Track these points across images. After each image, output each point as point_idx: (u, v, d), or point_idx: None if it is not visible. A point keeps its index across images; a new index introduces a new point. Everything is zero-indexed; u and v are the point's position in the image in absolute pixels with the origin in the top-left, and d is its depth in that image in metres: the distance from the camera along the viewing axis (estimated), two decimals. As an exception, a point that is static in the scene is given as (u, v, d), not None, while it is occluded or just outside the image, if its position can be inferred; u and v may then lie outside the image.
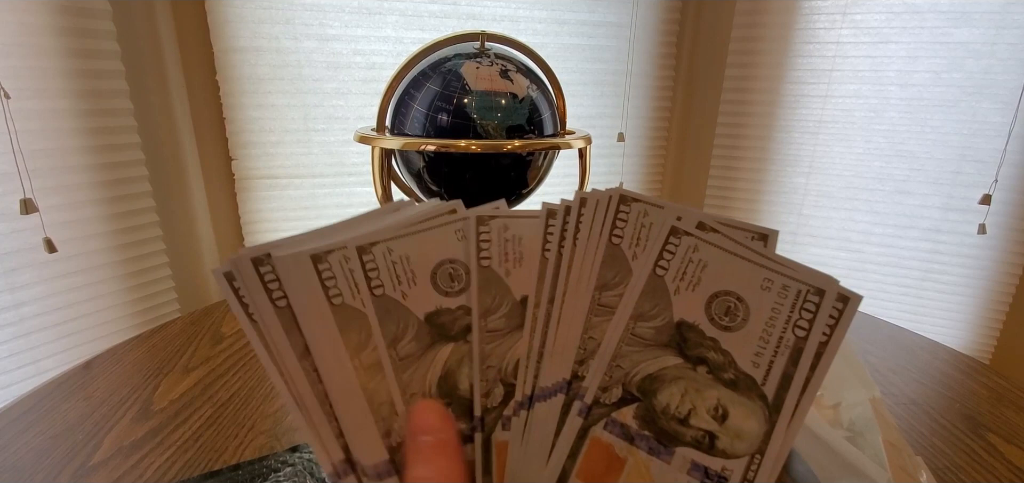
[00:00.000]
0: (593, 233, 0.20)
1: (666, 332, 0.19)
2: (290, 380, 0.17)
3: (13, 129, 0.76)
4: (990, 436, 0.45)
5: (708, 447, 0.18)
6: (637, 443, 0.19)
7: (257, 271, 0.17)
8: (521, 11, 1.13)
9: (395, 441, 0.18)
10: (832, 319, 0.18)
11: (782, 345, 0.18)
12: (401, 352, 0.19)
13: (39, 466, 0.39)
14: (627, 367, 0.19)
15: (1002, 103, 1.10)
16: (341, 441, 0.18)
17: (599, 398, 0.19)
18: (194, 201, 1.07)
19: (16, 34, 0.77)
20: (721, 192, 1.36)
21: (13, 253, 0.82)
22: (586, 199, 0.20)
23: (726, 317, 0.19)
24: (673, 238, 0.19)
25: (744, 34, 1.23)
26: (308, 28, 1.02)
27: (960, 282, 1.22)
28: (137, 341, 0.58)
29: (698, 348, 0.19)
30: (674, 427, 0.18)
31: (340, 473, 0.18)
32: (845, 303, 0.18)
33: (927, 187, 1.19)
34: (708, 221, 0.19)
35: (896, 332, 0.64)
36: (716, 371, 0.18)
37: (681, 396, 0.18)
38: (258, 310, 0.17)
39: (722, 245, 0.19)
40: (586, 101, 1.24)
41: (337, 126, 1.09)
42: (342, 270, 0.18)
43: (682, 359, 0.19)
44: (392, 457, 0.18)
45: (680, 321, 0.19)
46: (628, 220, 0.20)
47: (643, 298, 0.19)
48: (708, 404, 0.18)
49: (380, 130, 0.56)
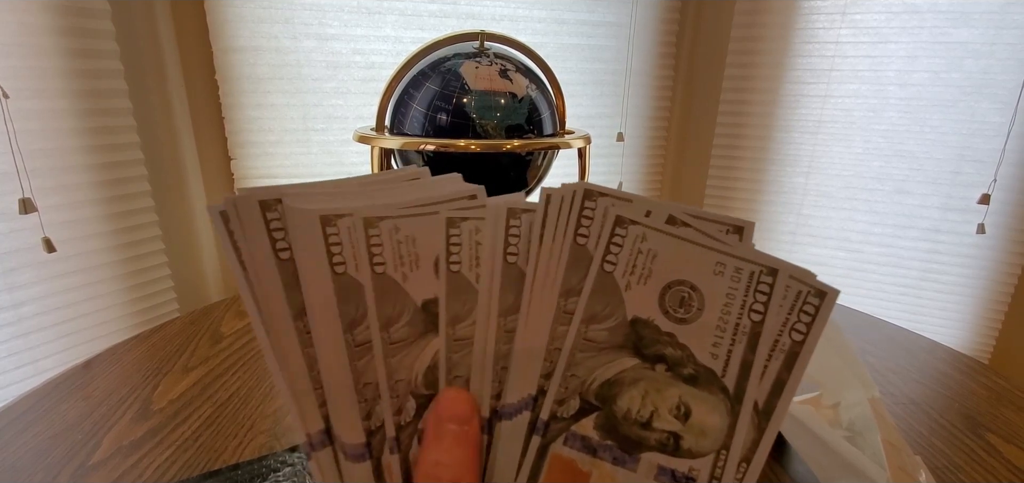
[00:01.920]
0: (557, 235, 0.18)
1: (620, 332, 0.18)
2: (278, 339, 0.17)
3: (12, 129, 0.76)
4: (989, 436, 0.45)
5: (673, 449, 0.18)
6: (600, 454, 0.18)
7: (264, 216, 0.16)
8: (520, 11, 1.13)
9: (374, 424, 0.18)
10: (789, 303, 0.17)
11: (739, 332, 0.17)
12: (394, 336, 0.18)
13: (38, 466, 0.39)
14: (582, 375, 0.18)
15: (1001, 103, 1.10)
16: (323, 411, 0.17)
17: (556, 412, 0.18)
18: (193, 201, 1.07)
19: (15, 34, 0.77)
20: (720, 192, 1.36)
21: (12, 253, 0.81)
22: (551, 196, 0.18)
23: (681, 309, 0.18)
24: (619, 229, 0.18)
25: (744, 34, 1.23)
26: (307, 28, 1.02)
27: (959, 282, 1.23)
28: (136, 341, 0.58)
29: (655, 345, 0.18)
30: (637, 432, 0.18)
31: (315, 444, 0.17)
32: (821, 297, 0.17)
33: (926, 187, 1.19)
34: (679, 214, 0.18)
35: (895, 332, 0.64)
36: (675, 368, 0.18)
37: (642, 399, 0.18)
38: (256, 258, 0.16)
39: (671, 232, 0.18)
40: (585, 101, 1.24)
41: (336, 126, 1.09)
42: (349, 238, 0.17)
43: (639, 359, 0.18)
44: (369, 440, 0.17)
45: (634, 318, 0.18)
46: (594, 217, 0.18)
47: (593, 298, 0.18)
48: (669, 404, 0.18)
49: (379, 130, 0.56)
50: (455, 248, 0.18)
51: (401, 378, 0.18)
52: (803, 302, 0.17)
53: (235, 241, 0.16)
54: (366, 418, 0.17)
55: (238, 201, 0.16)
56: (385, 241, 0.17)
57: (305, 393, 0.17)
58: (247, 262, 0.16)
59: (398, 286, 0.18)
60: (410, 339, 0.18)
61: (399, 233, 0.18)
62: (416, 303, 0.18)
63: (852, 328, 0.64)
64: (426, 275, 0.18)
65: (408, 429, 0.18)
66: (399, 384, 0.18)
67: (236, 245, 0.16)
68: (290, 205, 0.16)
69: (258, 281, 0.16)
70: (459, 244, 0.18)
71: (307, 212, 0.16)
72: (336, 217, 0.17)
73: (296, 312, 0.17)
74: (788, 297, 0.17)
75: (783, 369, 0.17)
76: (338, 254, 0.17)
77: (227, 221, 0.16)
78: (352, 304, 0.17)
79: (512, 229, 0.18)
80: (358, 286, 0.17)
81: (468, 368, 0.18)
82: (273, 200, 0.16)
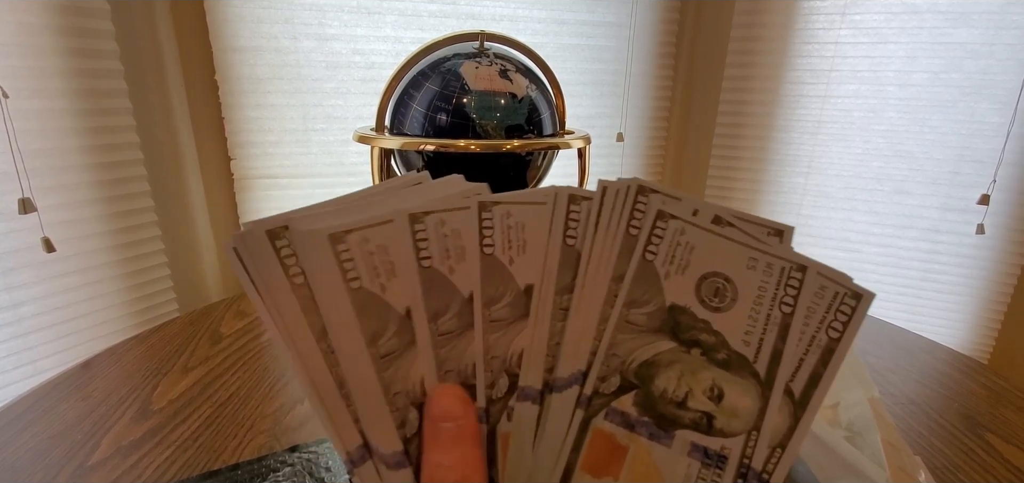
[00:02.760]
0: (611, 223, 0.19)
1: (659, 317, 0.19)
2: (306, 363, 0.17)
3: (11, 129, 0.76)
4: (989, 436, 0.45)
5: (706, 428, 0.19)
6: (638, 430, 0.19)
7: (273, 245, 0.16)
8: (520, 11, 1.13)
9: (409, 432, 0.18)
10: (826, 302, 0.19)
11: (770, 322, 0.19)
12: (442, 328, 0.18)
13: (37, 466, 0.39)
14: (623, 355, 0.19)
15: (1000, 103, 1.10)
16: (358, 426, 0.17)
17: (598, 388, 0.19)
18: (193, 201, 1.07)
19: (15, 33, 0.77)
20: (720, 192, 1.36)
21: (11, 253, 0.81)
22: (607, 188, 0.20)
23: (716, 298, 0.19)
24: (660, 222, 0.19)
25: (743, 34, 1.24)
26: (307, 28, 1.02)
27: (959, 282, 1.23)
28: (136, 341, 0.58)
29: (691, 331, 0.19)
30: (672, 411, 0.19)
31: (355, 460, 0.17)
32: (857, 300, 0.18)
33: (926, 187, 1.19)
34: (725, 215, 0.19)
35: (895, 332, 0.64)
36: (709, 352, 0.19)
37: (677, 380, 0.19)
38: (272, 288, 0.17)
39: (707, 227, 0.19)
40: (585, 101, 1.24)
41: (336, 126, 1.09)
42: (362, 252, 0.17)
43: (676, 343, 0.19)
44: (406, 448, 0.18)
45: (672, 305, 0.19)
46: (645, 211, 0.19)
47: (635, 285, 0.19)
48: (704, 385, 0.19)
49: (379, 130, 0.56)
50: (488, 232, 0.19)
51: (450, 369, 0.19)
52: (840, 302, 0.18)
53: (251, 274, 0.16)
54: (400, 426, 0.18)
55: (246, 235, 0.16)
56: (431, 235, 0.18)
57: (339, 411, 0.17)
58: (264, 293, 0.17)
59: (446, 280, 0.18)
60: (459, 330, 0.19)
61: (445, 227, 0.18)
62: (464, 296, 0.19)
63: (852, 328, 0.64)
64: (472, 266, 0.19)
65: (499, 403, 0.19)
66: (449, 375, 0.19)
67: (252, 278, 0.16)
68: (297, 228, 0.17)
69: (278, 310, 0.17)
70: (492, 227, 0.19)
71: (315, 232, 0.17)
72: (345, 232, 0.17)
73: (318, 334, 0.17)
74: (825, 296, 0.19)
75: (819, 363, 0.18)
76: (351, 269, 0.17)
77: (240, 256, 0.16)
78: (372, 316, 0.18)
79: (573, 214, 0.19)
80: (376, 298, 0.18)
81: (506, 348, 0.19)
82: (280, 228, 0.17)
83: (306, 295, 0.17)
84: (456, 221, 0.19)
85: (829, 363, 0.18)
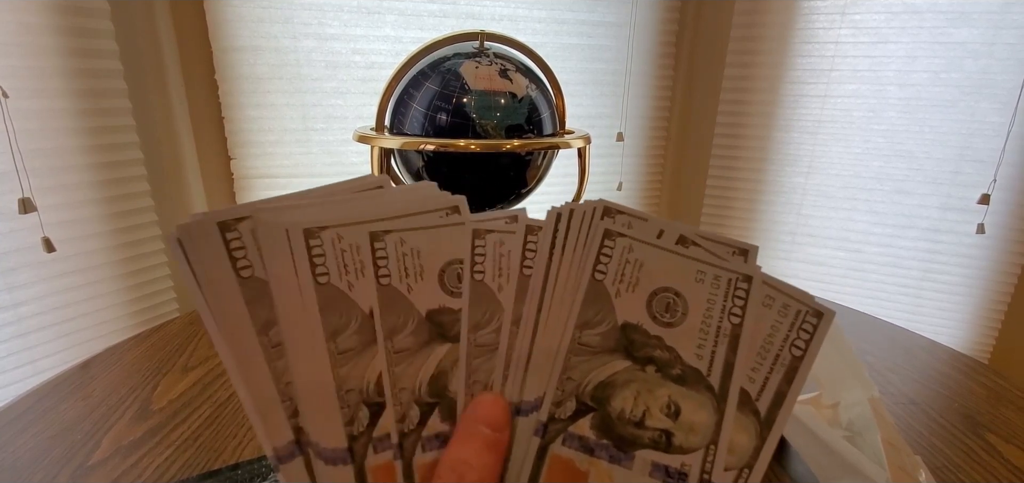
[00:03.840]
0: (577, 247, 0.19)
1: (612, 336, 0.19)
2: (241, 355, 0.17)
3: (11, 128, 0.76)
4: (989, 436, 0.45)
5: (665, 446, 0.18)
6: (597, 453, 0.19)
7: (223, 237, 0.17)
8: (520, 11, 1.13)
9: (356, 430, 0.18)
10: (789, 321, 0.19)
11: (721, 334, 0.19)
12: (397, 345, 0.18)
13: (38, 466, 0.39)
14: (578, 378, 0.19)
15: (1001, 103, 1.10)
16: (293, 422, 0.17)
17: (554, 413, 0.19)
18: (193, 201, 1.07)
19: (15, 33, 0.77)
20: (720, 192, 1.36)
21: (11, 253, 0.81)
22: (573, 212, 0.19)
23: (667, 314, 0.19)
24: (607, 241, 0.19)
25: (743, 34, 1.24)
26: (307, 27, 1.02)
27: (959, 282, 1.23)
28: (136, 341, 0.58)
29: (644, 348, 0.19)
30: (631, 431, 0.19)
31: (283, 456, 0.17)
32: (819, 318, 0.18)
33: (926, 187, 1.19)
34: (690, 235, 0.19)
35: (895, 332, 0.64)
36: (664, 369, 0.19)
37: (634, 399, 0.19)
38: (214, 279, 0.17)
39: (655, 244, 0.19)
40: (585, 101, 1.24)
41: (336, 125, 1.09)
42: (334, 249, 0.18)
43: (631, 361, 0.19)
44: (351, 445, 0.18)
45: (624, 323, 0.19)
46: (592, 232, 0.19)
47: (586, 306, 0.19)
48: (660, 403, 0.19)
49: (379, 129, 0.56)
50: (480, 258, 0.19)
51: (404, 386, 0.19)
52: (802, 320, 0.18)
53: (192, 265, 0.16)
54: (348, 423, 0.18)
55: (193, 226, 0.16)
56: (391, 253, 0.18)
57: (272, 406, 0.17)
58: (204, 284, 0.17)
59: (403, 297, 0.18)
60: (415, 347, 0.19)
61: (404, 246, 0.18)
62: (421, 313, 0.19)
63: (852, 328, 0.64)
64: (431, 286, 0.19)
65: (412, 436, 0.19)
66: (403, 392, 0.18)
67: (193, 269, 0.16)
68: (267, 220, 0.17)
69: (217, 300, 0.17)
70: (484, 255, 0.19)
71: (293, 224, 0.17)
72: (319, 229, 0.17)
73: (260, 327, 0.17)
74: (788, 315, 0.18)
75: (783, 382, 0.18)
76: (321, 264, 0.17)
77: (183, 246, 0.16)
78: (336, 312, 0.18)
79: (529, 244, 0.20)
80: (342, 294, 0.18)
81: (488, 374, 0.19)
82: (233, 221, 0.17)
83: (253, 288, 0.17)
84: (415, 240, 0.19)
85: (793, 381, 0.18)
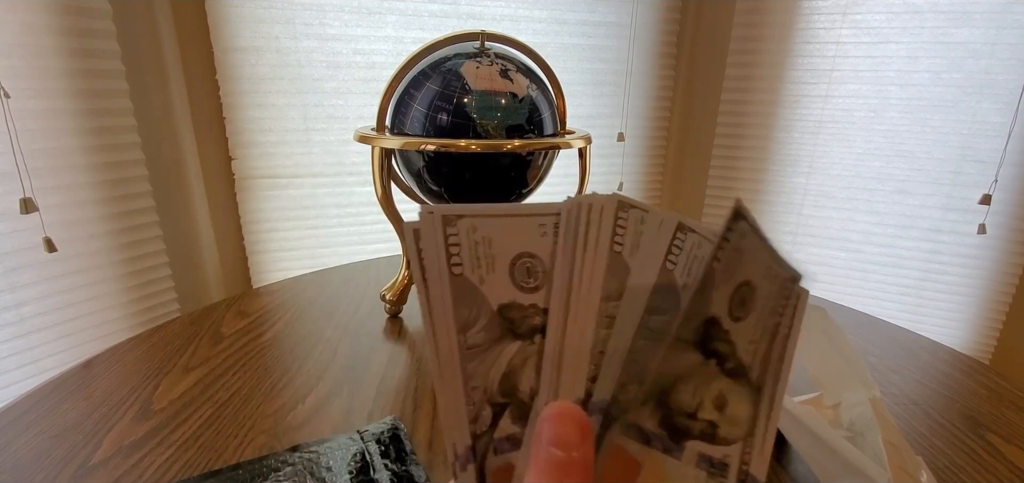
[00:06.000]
0: (601, 239, 0.19)
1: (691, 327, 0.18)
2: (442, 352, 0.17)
3: (13, 129, 0.76)
4: (990, 436, 0.45)
5: (711, 437, 0.18)
6: (653, 443, 0.18)
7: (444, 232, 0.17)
8: (521, 11, 1.13)
9: (479, 429, 0.18)
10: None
11: (764, 330, 0.18)
12: (470, 340, 0.18)
13: (39, 466, 0.39)
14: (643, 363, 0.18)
15: (1002, 103, 1.10)
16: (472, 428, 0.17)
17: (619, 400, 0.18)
18: (194, 201, 1.07)
19: (16, 34, 0.77)
20: (721, 192, 1.36)
21: (13, 252, 0.82)
22: (592, 204, 0.19)
23: (742, 308, 0.18)
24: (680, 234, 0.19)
25: (744, 34, 1.23)
26: (308, 28, 1.02)
27: (960, 282, 1.22)
28: (137, 341, 0.58)
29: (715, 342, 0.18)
30: (684, 422, 0.18)
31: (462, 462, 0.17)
32: None
33: (927, 187, 1.19)
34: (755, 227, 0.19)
35: (896, 332, 0.64)
36: (722, 362, 0.18)
37: (693, 391, 0.18)
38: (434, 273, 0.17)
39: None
40: (586, 101, 1.24)
41: (337, 126, 1.10)
42: (469, 240, 0.17)
43: (701, 355, 0.18)
44: (474, 444, 0.18)
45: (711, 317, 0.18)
46: (627, 227, 0.19)
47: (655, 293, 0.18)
48: (712, 395, 0.18)
49: (380, 130, 0.56)
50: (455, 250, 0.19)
51: (476, 385, 0.18)
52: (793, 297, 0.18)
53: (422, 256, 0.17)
54: (473, 421, 0.18)
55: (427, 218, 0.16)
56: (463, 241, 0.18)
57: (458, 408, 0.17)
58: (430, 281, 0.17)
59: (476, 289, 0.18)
60: (486, 344, 0.18)
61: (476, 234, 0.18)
62: (492, 308, 0.18)
63: (853, 328, 0.64)
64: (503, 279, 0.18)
65: (483, 438, 0.18)
66: (475, 390, 0.18)
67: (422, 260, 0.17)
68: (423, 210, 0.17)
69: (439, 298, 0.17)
70: (458, 245, 0.19)
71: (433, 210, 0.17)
72: (457, 217, 0.17)
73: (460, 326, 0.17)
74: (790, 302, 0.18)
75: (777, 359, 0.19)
76: (456, 255, 0.17)
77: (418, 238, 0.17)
78: (466, 306, 0.17)
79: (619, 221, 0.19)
80: (472, 287, 0.17)
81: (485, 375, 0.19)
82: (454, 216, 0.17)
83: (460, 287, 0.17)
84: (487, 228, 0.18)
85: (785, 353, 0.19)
